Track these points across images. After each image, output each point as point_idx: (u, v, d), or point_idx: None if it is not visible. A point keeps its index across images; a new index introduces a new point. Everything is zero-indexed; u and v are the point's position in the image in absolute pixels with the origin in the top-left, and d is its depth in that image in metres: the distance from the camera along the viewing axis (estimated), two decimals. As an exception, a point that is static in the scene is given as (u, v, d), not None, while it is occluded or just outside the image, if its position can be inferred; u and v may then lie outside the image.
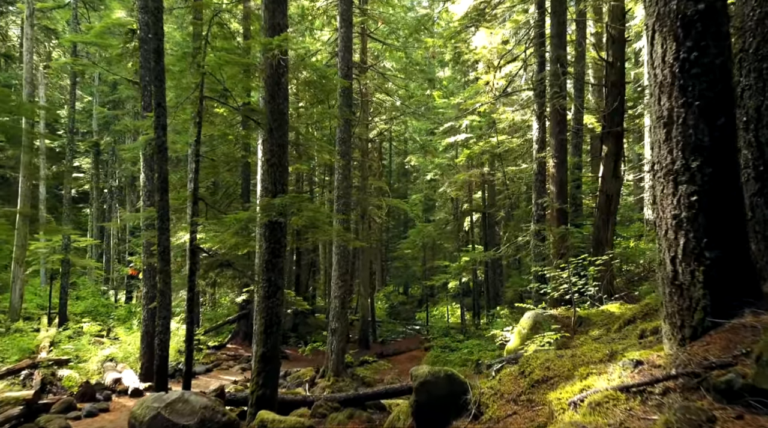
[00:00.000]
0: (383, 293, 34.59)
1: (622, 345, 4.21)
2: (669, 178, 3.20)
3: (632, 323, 6.10)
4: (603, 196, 12.26)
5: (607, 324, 8.05)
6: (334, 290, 14.32)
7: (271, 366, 7.11)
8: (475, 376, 7.36)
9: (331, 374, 14.08)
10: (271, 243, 7.30)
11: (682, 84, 3.13)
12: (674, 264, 3.19)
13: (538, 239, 12.79)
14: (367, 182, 21.25)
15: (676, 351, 3.02)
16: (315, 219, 7.32)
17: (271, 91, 7.52)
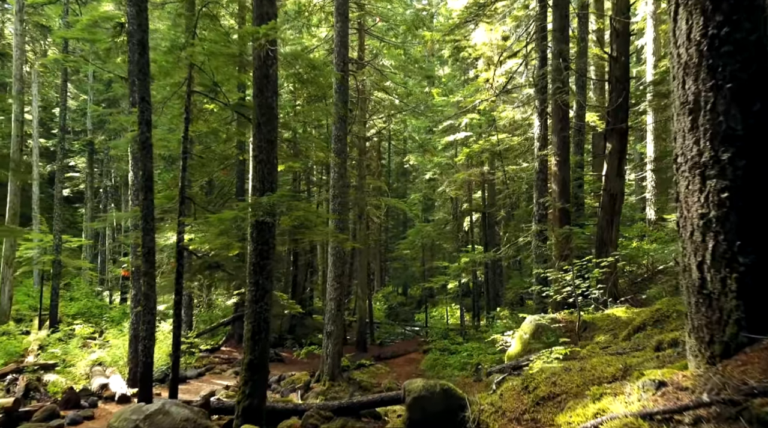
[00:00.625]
0: (382, 294, 34.22)
1: (637, 358, 3.81)
2: (695, 172, 2.80)
3: (642, 330, 5.71)
4: (607, 195, 11.87)
5: (613, 330, 7.66)
6: (329, 292, 13.93)
7: (259, 374, 6.72)
8: (474, 387, 6.98)
9: (326, 378, 13.68)
10: (258, 244, 6.91)
11: (711, 64, 2.73)
12: (701, 270, 2.79)
13: (540, 239, 12.40)
14: (364, 182, 20.86)
15: (705, 371, 2.62)
16: (306, 219, 6.93)
17: (260, 84, 7.12)
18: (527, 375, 4.51)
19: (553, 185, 12.55)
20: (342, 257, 14.04)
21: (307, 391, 13.02)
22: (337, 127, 14.05)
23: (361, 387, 14.31)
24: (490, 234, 24.77)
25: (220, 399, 9.80)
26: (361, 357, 18.94)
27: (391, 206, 26.67)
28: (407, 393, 4.49)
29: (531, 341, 8.42)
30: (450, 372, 15.54)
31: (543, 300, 11.64)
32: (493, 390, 4.72)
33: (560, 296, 8.81)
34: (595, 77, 19.86)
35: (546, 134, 12.94)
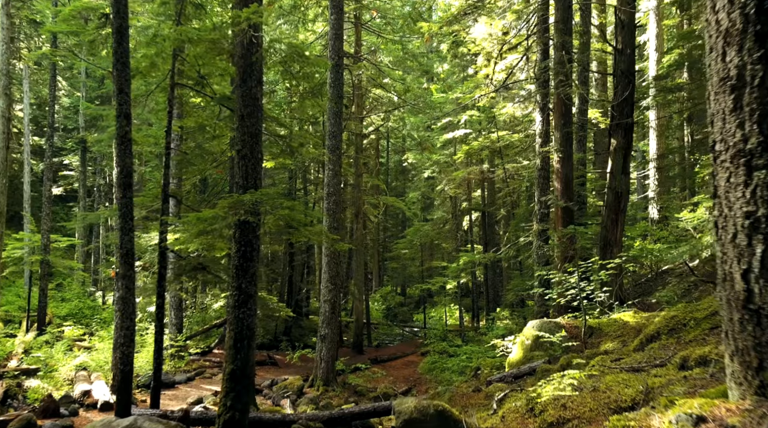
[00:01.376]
0: (380, 294, 33.72)
1: (659, 377, 3.33)
2: (738, 162, 2.32)
3: (656, 339, 5.23)
4: (611, 193, 11.39)
5: (621, 336, 7.18)
6: (324, 294, 13.45)
7: (242, 385, 6.24)
8: (472, 400, 6.49)
9: (320, 383, 13.22)
10: (241, 246, 6.43)
11: (759, 31, 2.24)
12: (747, 281, 2.31)
13: (542, 239, 11.93)
14: (361, 180, 20.37)
15: (756, 404, 2.14)
16: (291, 219, 6.45)
17: (242, 74, 6.64)
18: (533, 394, 4.03)
19: (556, 182, 12.07)
20: (337, 258, 13.57)
21: (300, 397, 12.54)
22: (332, 122, 13.58)
23: (356, 392, 13.83)
24: (490, 233, 24.32)
25: (207, 407, 9.33)
26: (357, 360, 18.46)
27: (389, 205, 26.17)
28: (397, 414, 4.02)
29: (533, 347, 7.94)
30: (448, 377, 15.07)
31: (545, 303, 11.17)
32: (494, 410, 4.24)
33: (564, 300, 8.33)
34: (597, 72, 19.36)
35: (548, 129, 12.47)
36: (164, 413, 7.41)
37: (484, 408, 5.34)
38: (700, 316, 4.99)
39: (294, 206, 6.41)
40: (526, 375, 7.28)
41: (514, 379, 7.27)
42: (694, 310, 5.16)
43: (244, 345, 6.31)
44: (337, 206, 13.44)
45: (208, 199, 21.37)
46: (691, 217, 8.06)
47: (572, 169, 12.26)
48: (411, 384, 15.46)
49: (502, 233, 26.43)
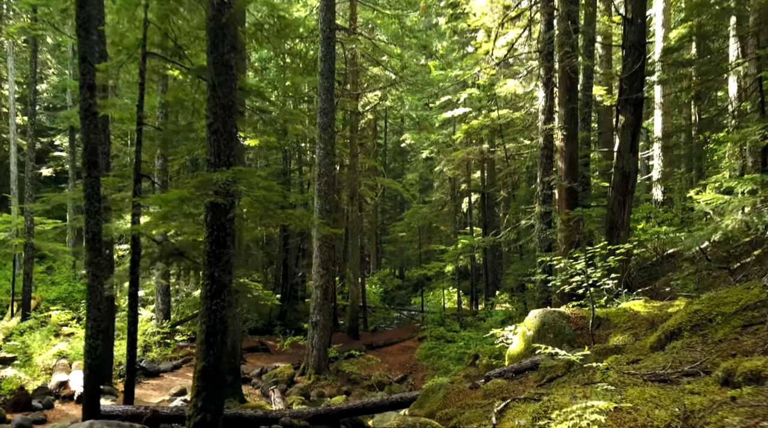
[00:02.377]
0: (378, 277, 33.23)
1: (698, 395, 2.71)
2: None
3: (678, 336, 4.62)
4: (618, 173, 10.73)
5: (632, 329, 6.57)
6: (315, 279, 12.88)
7: (215, 384, 5.65)
8: (468, 398, 5.91)
9: (312, 371, 12.72)
10: (213, 230, 5.79)
11: None
12: None
13: (544, 222, 11.28)
14: (357, 160, 19.69)
15: None
16: (269, 200, 5.80)
17: (213, 38, 5.93)
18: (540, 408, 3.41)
19: (559, 162, 11.40)
20: (329, 242, 12.96)
21: (291, 386, 12.04)
22: (323, 99, 12.86)
23: (349, 380, 13.34)
24: (490, 216, 23.69)
25: (187, 401, 8.78)
26: (352, 346, 17.97)
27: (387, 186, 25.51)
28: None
29: (536, 339, 7.35)
30: (445, 364, 14.57)
31: (547, 289, 10.58)
32: (493, 425, 3.64)
33: (568, 287, 7.70)
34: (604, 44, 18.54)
35: (552, 106, 11.74)
36: (134, 412, 6.86)
37: (481, 412, 4.76)
38: (728, 311, 4.38)
39: (271, 187, 5.75)
40: (527, 369, 6.71)
41: (514, 374, 6.69)
42: (721, 303, 4.54)
43: (217, 340, 5.71)
44: (329, 188, 12.79)
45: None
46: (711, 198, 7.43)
47: (577, 148, 11.57)
48: (407, 372, 14.97)
49: (502, 215, 25.80)
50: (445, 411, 5.54)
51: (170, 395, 10.15)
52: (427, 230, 30.29)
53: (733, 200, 7.03)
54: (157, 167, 14.91)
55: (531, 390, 5.49)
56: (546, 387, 5.66)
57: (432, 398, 6.36)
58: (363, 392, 12.62)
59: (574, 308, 7.65)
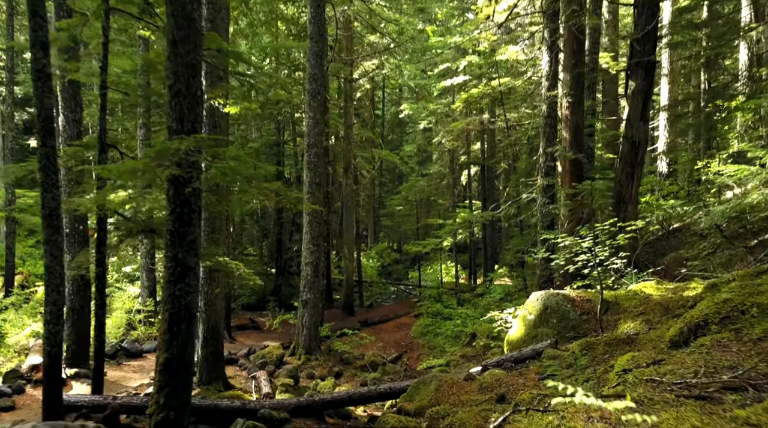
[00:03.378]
0: (375, 251, 32.70)
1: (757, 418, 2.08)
2: None
3: (704, 330, 3.99)
4: (627, 143, 10.02)
5: (645, 314, 5.95)
6: (305, 256, 12.27)
7: (179, 379, 5.06)
8: (463, 391, 5.33)
9: (302, 351, 12.21)
10: (176, 207, 5.12)
11: None
12: None
13: (546, 196, 10.62)
14: (351, 131, 18.88)
15: None
16: (238, 172, 5.12)
17: (172, -15, 5.16)
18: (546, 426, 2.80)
19: (564, 131, 10.66)
20: (320, 217, 12.31)
21: (280, 367, 11.53)
22: (312, 64, 12.03)
23: (342, 359, 12.85)
24: (489, 189, 22.99)
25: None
26: (346, 323, 17.49)
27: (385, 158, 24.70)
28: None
29: (538, 324, 6.76)
30: (441, 342, 14.08)
31: (549, 268, 9.97)
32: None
33: (573, 267, 7.07)
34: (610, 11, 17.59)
35: (556, 71, 10.94)
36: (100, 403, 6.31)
37: (477, 413, 4.16)
38: (764, 300, 3.74)
39: (240, 157, 5.05)
40: (528, 359, 6.12)
41: (514, 364, 6.11)
42: (755, 292, 3.91)
43: (182, 330, 5.09)
44: (318, 159, 12.08)
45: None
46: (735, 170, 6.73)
47: (583, 116, 10.82)
48: (402, 350, 14.48)
49: (502, 188, 25.09)
50: (436, 408, 4.96)
51: (150, 378, 9.62)
52: (426, 203, 29.60)
53: (761, 171, 6.35)
54: (140, 136, 14.15)
55: (534, 390, 4.91)
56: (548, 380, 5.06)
57: (423, 390, 5.79)
58: (355, 372, 12.15)
59: (579, 291, 7.03)
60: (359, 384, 11.40)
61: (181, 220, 5.16)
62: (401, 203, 25.99)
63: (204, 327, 9.24)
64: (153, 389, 5.10)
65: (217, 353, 9.31)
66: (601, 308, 5.99)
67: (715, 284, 5.74)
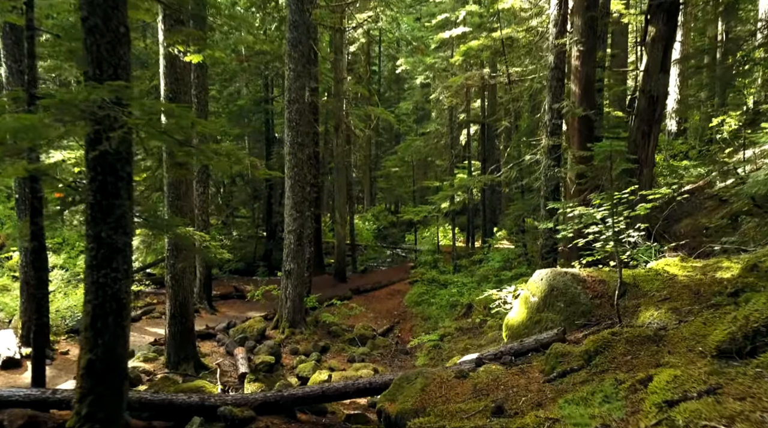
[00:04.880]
0: (372, 213, 31.78)
1: None
2: None
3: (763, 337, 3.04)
4: (645, 98, 8.91)
5: (670, 300, 5.01)
6: (287, 223, 11.30)
7: (106, 385, 4.16)
8: (455, 392, 4.44)
9: (286, 324, 11.40)
10: (97, 174, 4.10)
11: None
12: None
13: (552, 158, 9.55)
14: (342, 87, 17.59)
15: None
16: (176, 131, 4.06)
17: None
18: None
19: (573, 85, 9.51)
20: (303, 181, 11.27)
21: (261, 342, 10.73)
22: (293, 9, 10.75)
23: (329, 332, 12.06)
24: (490, 149, 21.82)
25: (124, 373, 7.41)
26: (337, 290, 16.69)
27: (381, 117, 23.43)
28: None
29: (542, 308, 5.83)
30: (436, 313, 13.27)
31: (552, 237, 8.99)
32: None
33: (583, 240, 6.08)
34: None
35: (566, 15, 9.67)
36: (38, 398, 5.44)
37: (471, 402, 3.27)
38: None
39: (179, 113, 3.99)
40: (531, 351, 5.22)
41: (514, 357, 5.21)
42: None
43: (109, 325, 4.16)
44: (301, 117, 10.95)
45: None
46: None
47: (594, 67, 9.65)
48: (394, 321, 13.70)
49: (502, 148, 23.93)
50: (419, 420, 4.08)
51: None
52: (423, 164, 28.43)
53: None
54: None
55: (539, 395, 4.01)
56: (557, 385, 4.18)
57: (407, 389, 4.91)
58: (343, 347, 11.38)
59: (590, 270, 6.07)
60: (346, 359, 10.64)
61: (104, 190, 4.15)
62: (397, 164, 24.87)
63: (171, 303, 8.36)
64: (74, 397, 4.20)
65: (185, 331, 8.46)
66: (619, 292, 5.04)
67: (755, 264, 4.77)
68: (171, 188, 8.16)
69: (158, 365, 8.45)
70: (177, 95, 8.04)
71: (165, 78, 8.01)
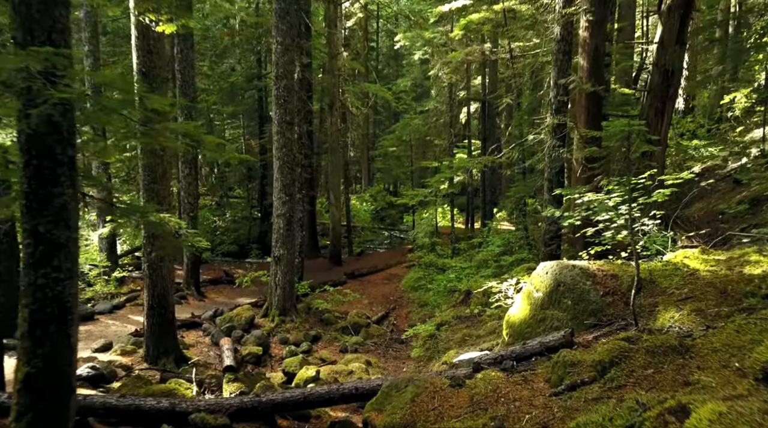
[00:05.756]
0: (369, 194, 31.16)
1: None
2: None
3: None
4: (658, 72, 8.26)
5: (693, 299, 4.46)
6: (276, 207, 10.71)
7: (47, 402, 3.61)
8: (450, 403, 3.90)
9: (275, 312, 10.89)
10: (32, 158, 3.51)
11: None
12: None
13: (557, 137, 8.92)
14: (336, 62, 16.83)
15: None
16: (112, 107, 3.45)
17: None
18: None
19: (581, 58, 8.83)
20: (292, 162, 10.64)
21: (249, 331, 10.24)
22: (280, -23, 10.00)
23: (321, 320, 11.57)
24: (490, 127, 21.10)
25: (95, 367, 6.89)
26: (332, 274, 16.19)
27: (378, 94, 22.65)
28: None
29: (546, 305, 5.28)
30: (433, 299, 12.77)
31: (556, 222, 8.40)
32: None
33: (592, 229, 5.50)
34: None
35: (574, -17, 8.94)
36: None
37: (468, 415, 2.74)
38: None
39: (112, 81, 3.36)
40: (535, 355, 4.68)
41: (515, 363, 4.67)
42: None
43: (50, 333, 3.60)
44: (289, 93, 10.28)
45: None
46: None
47: (604, 39, 8.94)
48: (390, 307, 13.21)
49: (503, 126, 23.22)
50: (407, 441, 3.55)
51: (91, 350, 8.31)
52: (422, 144, 27.71)
53: None
54: (86, 67, 12.25)
55: (545, 412, 3.47)
56: (565, 400, 3.64)
57: (396, 399, 4.38)
58: (335, 335, 10.89)
59: (600, 263, 5.50)
60: (338, 350, 10.15)
61: (41, 177, 3.56)
62: (395, 144, 24.14)
63: (149, 293, 7.82)
64: (11, 415, 3.65)
65: (165, 323, 7.93)
66: (635, 290, 4.48)
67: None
68: (146, 170, 7.56)
69: (137, 359, 7.94)
70: (151, 70, 7.39)
71: (137, 51, 7.35)
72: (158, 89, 7.50)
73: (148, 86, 7.38)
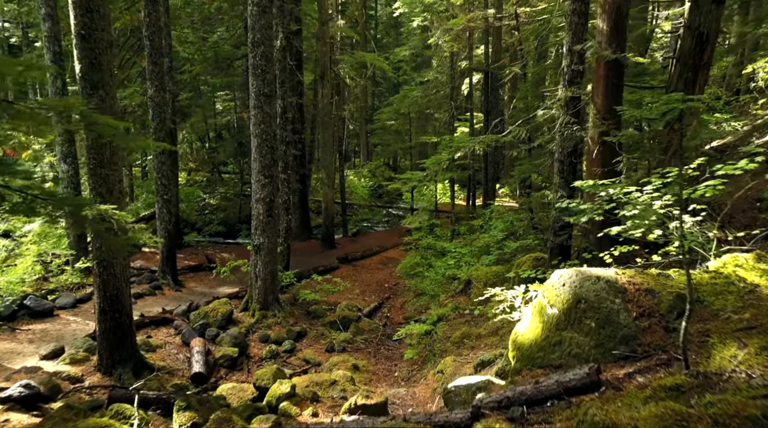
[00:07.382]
0: (368, 169, 29.99)
1: None
2: None
3: None
4: (690, 36, 7.05)
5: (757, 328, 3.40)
6: (255, 191, 9.63)
7: None
8: None
9: (256, 306, 9.92)
10: None
11: None
12: None
13: (570, 113, 7.77)
14: (327, 29, 15.50)
15: None
16: None
17: None
18: None
19: (600, 20, 7.61)
20: (271, 140, 9.50)
21: (227, 328, 9.29)
22: (255, -72, 8.70)
23: (308, 313, 10.60)
24: (494, 99, 19.80)
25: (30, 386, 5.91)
26: (324, 257, 15.20)
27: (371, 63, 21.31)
28: None
29: (564, 325, 4.24)
30: (431, 287, 11.74)
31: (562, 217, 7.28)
32: None
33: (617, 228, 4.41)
34: None
35: (593, -69, 7.69)
36: None
37: None
38: None
39: None
40: (551, 398, 3.65)
41: (526, 407, 3.65)
42: None
43: None
44: (267, 63, 9.08)
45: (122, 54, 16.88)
46: None
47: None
48: (384, 296, 12.24)
49: (507, 98, 21.93)
50: None
51: (40, 357, 7.34)
52: (422, 117, 26.42)
53: None
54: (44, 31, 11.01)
55: None
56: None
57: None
58: (322, 331, 9.92)
59: (631, 273, 4.42)
60: (324, 349, 9.18)
61: None
62: (392, 117, 22.88)
63: (100, 295, 6.82)
64: None
65: (120, 327, 6.94)
66: (687, 316, 3.42)
67: None
68: (91, 152, 6.47)
69: (89, 368, 6.98)
70: (92, 33, 6.23)
71: (75, 9, 6.18)
72: (102, 56, 6.36)
73: (90, 52, 6.24)
